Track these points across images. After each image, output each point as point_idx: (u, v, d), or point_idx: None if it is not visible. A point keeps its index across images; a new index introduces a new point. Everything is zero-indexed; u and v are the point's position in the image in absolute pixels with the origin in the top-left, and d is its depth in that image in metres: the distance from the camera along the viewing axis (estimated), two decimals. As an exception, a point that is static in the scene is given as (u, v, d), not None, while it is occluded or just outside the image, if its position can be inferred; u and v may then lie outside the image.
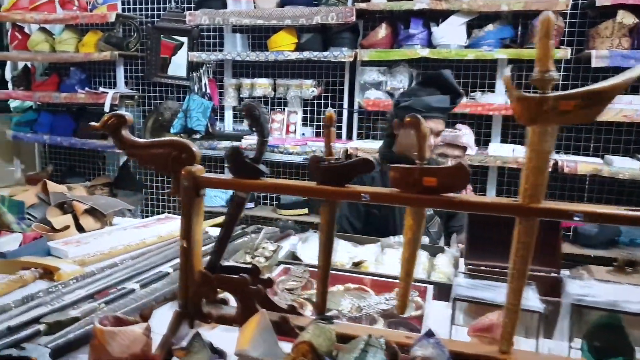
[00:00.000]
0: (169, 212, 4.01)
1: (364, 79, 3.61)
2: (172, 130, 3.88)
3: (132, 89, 4.44)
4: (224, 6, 3.84)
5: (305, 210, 3.90)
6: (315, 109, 4.01)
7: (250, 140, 3.84)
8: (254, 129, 0.94)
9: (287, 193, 0.97)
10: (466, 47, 3.28)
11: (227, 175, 0.95)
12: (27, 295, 1.19)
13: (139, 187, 4.42)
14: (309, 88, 3.85)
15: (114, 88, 4.36)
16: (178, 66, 4.31)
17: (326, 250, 0.93)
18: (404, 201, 0.85)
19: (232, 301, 1.00)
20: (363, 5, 3.37)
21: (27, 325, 1.05)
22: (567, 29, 3.28)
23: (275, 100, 4.09)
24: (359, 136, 3.88)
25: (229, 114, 4.21)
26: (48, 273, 1.37)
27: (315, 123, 4.06)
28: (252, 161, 0.92)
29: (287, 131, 4.03)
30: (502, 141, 3.45)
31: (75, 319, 1.07)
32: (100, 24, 4.25)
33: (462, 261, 1.51)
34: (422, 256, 1.56)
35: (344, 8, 3.42)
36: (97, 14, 4.04)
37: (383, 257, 1.52)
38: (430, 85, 2.02)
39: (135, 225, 1.86)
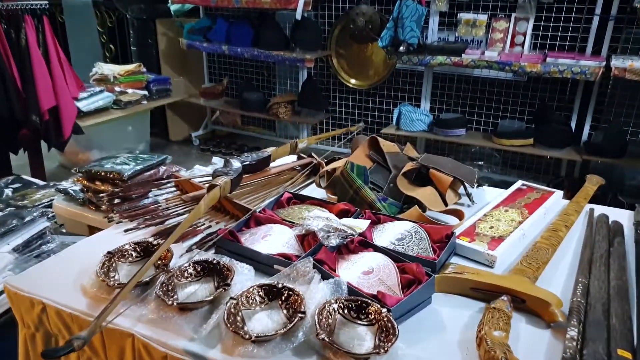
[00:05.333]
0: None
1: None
2: (380, 44, 3.33)
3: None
4: None
5: (531, 141, 3.33)
6: (552, 15, 3.25)
7: (473, 56, 3.23)
8: None
9: None
10: None
11: None
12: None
13: (323, 106, 4.03)
14: (553, -12, 3.08)
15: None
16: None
17: None
18: None
19: None
20: None
21: None
22: None
23: (499, 4, 3.35)
24: (611, 50, 3.12)
25: (434, 21, 3.55)
26: (521, 302, 0.99)
27: (549, 33, 3.31)
28: None
29: (512, 43, 3.34)
30: None
31: None
32: None
33: None
34: None
35: None
36: None
37: None
38: None
39: (504, 201, 1.43)
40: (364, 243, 1.13)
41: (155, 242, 1.13)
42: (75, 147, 3.86)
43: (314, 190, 1.52)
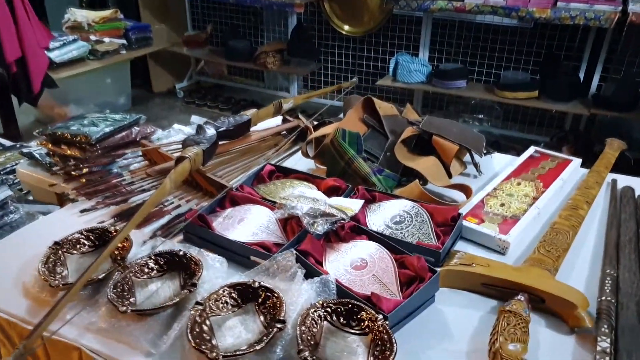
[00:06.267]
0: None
1: None
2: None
3: None
4: None
5: (536, 93, 3.12)
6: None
7: (476, 0, 2.97)
8: None
9: None
10: None
11: None
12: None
13: (314, 55, 3.76)
14: None
15: None
16: None
17: None
18: None
19: None
20: None
21: None
22: None
23: (507, -60, 3.05)
24: (628, -6, 2.86)
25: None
26: (540, 301, 0.84)
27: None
28: None
29: (520, -14, 3.06)
30: None
31: None
32: None
33: None
34: None
35: None
36: None
37: None
38: None
39: (516, 171, 1.26)
40: (357, 229, 0.97)
41: (112, 229, 0.97)
42: (51, 101, 3.61)
43: (300, 159, 1.34)
